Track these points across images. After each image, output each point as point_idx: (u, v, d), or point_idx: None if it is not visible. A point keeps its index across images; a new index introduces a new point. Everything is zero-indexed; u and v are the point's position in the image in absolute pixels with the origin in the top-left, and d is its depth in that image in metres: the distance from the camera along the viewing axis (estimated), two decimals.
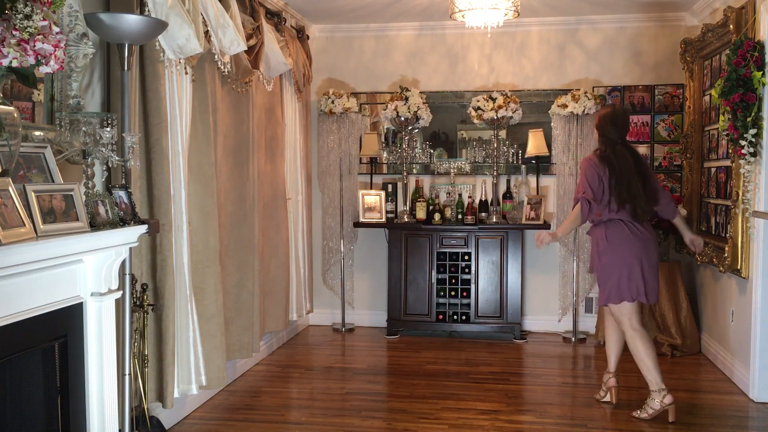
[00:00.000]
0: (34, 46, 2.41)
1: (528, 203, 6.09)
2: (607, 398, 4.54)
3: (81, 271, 2.83)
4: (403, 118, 6.15)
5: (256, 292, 5.02)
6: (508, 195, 6.26)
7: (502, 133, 6.34)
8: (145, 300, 3.51)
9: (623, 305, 4.26)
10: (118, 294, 2.99)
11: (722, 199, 5.24)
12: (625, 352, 4.47)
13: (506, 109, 5.99)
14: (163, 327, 3.79)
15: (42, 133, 2.91)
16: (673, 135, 6.25)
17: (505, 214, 6.22)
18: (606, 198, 4.26)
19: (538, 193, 6.29)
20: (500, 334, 6.26)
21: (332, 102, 6.24)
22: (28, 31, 2.38)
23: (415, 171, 6.56)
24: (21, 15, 2.37)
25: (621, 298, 4.24)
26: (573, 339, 6.13)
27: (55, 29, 2.51)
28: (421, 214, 6.24)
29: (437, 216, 6.20)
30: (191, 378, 4.15)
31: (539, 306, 6.47)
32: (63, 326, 2.77)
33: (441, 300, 6.24)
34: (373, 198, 6.34)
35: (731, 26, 4.83)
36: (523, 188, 6.32)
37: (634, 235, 4.23)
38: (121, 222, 2.97)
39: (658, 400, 4.19)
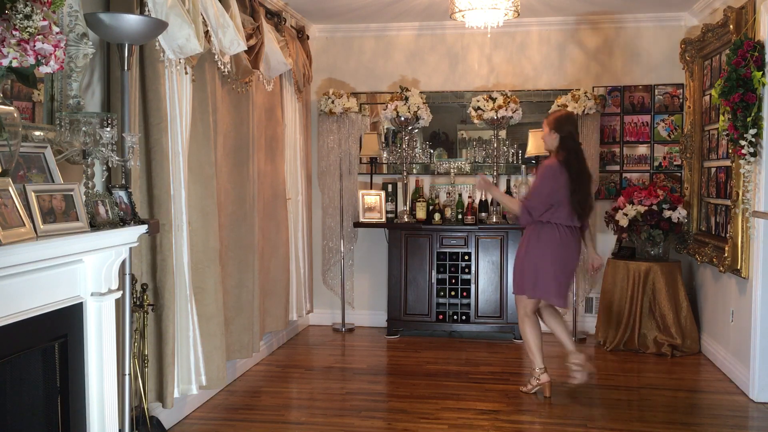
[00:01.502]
0: (34, 46, 2.41)
1: None
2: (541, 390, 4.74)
3: (81, 271, 2.83)
4: (403, 118, 6.15)
5: (256, 292, 5.02)
6: (508, 195, 6.26)
7: (502, 133, 6.35)
8: (145, 300, 3.51)
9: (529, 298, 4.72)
10: (118, 294, 2.99)
11: (722, 199, 5.24)
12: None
13: (506, 109, 5.99)
14: (163, 327, 3.79)
15: (42, 133, 2.91)
16: (673, 135, 6.25)
17: (505, 214, 6.21)
18: (555, 202, 4.48)
19: None
20: (500, 334, 6.26)
21: (332, 102, 6.24)
22: (28, 31, 2.38)
23: (415, 171, 6.55)
24: (21, 15, 2.37)
25: (534, 294, 4.63)
26: (573, 339, 6.11)
27: (55, 29, 2.51)
28: (421, 214, 6.23)
29: (437, 216, 6.20)
30: (191, 378, 4.15)
31: None
32: (63, 326, 2.76)
33: (441, 300, 6.24)
34: (373, 198, 6.34)
35: (731, 26, 4.83)
36: (523, 188, 6.32)
37: (563, 241, 4.55)
38: (121, 222, 2.97)
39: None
